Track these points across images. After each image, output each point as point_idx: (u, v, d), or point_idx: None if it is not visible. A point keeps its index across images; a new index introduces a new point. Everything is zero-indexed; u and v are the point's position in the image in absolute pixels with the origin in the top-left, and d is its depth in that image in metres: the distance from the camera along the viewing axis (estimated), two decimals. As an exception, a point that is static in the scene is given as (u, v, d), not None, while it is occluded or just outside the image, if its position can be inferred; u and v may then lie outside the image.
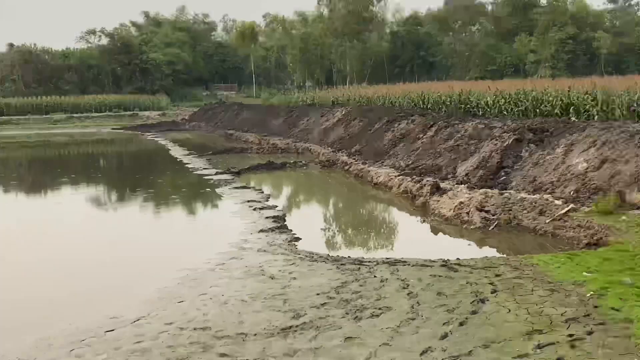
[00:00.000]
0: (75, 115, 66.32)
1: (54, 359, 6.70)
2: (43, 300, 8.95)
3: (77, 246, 12.40)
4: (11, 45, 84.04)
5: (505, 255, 10.32)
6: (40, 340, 7.18)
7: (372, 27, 75.87)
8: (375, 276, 8.92)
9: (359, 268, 9.42)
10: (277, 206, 15.78)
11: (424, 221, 13.76)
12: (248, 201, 16.30)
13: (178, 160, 27.72)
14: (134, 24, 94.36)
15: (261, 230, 12.69)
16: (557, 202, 12.40)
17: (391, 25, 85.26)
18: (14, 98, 70.81)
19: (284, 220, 13.83)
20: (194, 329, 7.28)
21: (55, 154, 36.81)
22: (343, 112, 31.41)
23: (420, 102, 31.83)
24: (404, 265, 9.48)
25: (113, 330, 7.39)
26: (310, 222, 14.97)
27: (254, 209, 15.12)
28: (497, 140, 16.70)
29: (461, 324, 6.89)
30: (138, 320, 7.67)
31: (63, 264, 10.93)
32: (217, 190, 18.57)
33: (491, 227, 12.29)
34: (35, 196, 20.45)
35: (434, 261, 9.61)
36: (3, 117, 64.82)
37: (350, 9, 69.73)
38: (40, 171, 28.82)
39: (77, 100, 69.84)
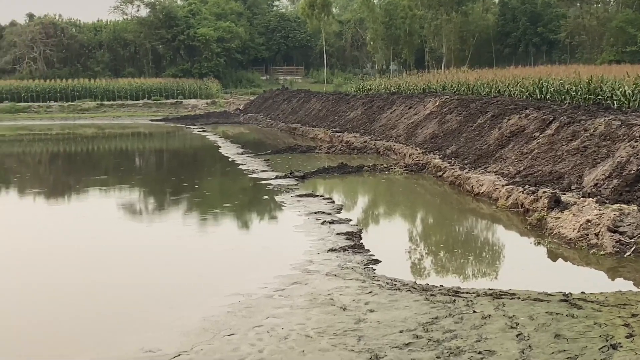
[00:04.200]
0: (106, 102, 68.43)
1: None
2: (65, 324, 9.28)
3: (106, 264, 12.73)
4: (31, 16, 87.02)
5: (645, 291, 10.08)
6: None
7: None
8: (474, 311, 8.85)
9: (454, 300, 9.36)
10: (351, 220, 15.83)
11: (538, 243, 13.54)
12: (315, 213, 16.42)
13: (230, 160, 28.22)
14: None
15: (331, 250, 12.76)
16: None
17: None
18: (33, 81, 73.13)
19: (360, 238, 13.86)
20: (247, 368, 7.39)
21: (81, 150, 38.03)
22: (437, 104, 31.26)
23: (537, 91, 31.34)
24: (512, 298, 9.37)
25: (148, 367, 7.60)
26: (392, 241, 14.96)
27: (323, 223, 15.21)
28: (637, 141, 16.31)
29: (585, 377, 6.79)
30: (179, 355, 7.84)
31: (88, 286, 11.22)
32: (277, 198, 18.78)
33: (627, 253, 12.00)
34: (56, 202, 21.09)
35: (551, 295, 9.47)
36: (20, 103, 67.20)
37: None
38: (63, 171, 29.81)
39: (109, 85, 71.87)
